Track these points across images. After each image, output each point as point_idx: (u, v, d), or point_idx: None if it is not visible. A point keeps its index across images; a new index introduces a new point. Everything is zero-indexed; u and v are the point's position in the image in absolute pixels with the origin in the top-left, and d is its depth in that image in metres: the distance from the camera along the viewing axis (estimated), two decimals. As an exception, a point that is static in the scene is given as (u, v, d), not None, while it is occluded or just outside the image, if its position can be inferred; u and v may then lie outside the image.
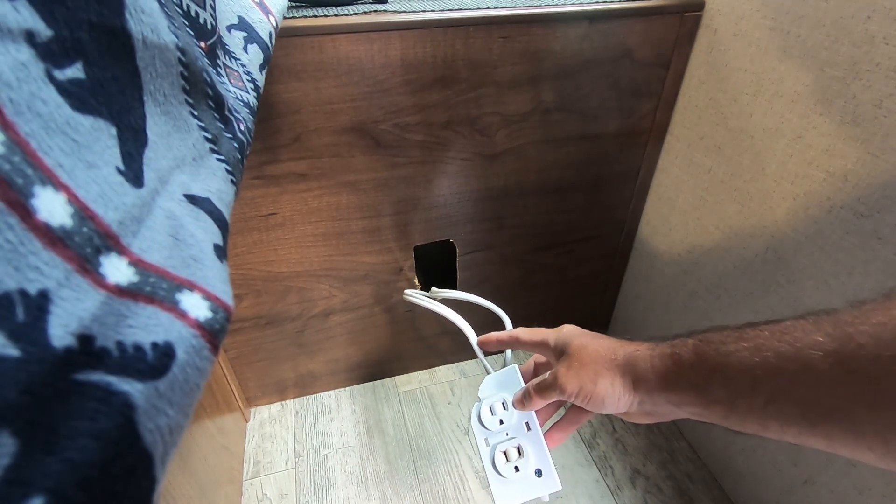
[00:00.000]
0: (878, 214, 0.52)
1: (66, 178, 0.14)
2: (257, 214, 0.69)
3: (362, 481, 0.84)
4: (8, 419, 0.12)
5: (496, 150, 0.74)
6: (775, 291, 0.66)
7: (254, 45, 0.38)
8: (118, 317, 0.15)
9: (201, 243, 0.19)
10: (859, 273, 0.55)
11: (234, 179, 0.24)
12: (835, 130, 0.54)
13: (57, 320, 0.13)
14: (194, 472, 0.62)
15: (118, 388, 0.14)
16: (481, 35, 0.63)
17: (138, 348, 0.15)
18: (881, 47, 0.49)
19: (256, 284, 0.77)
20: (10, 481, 0.12)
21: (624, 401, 0.33)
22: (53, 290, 0.13)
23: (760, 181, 0.65)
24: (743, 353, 0.27)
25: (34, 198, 0.13)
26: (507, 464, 0.39)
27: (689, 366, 0.30)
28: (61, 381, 0.13)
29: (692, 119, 0.75)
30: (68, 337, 0.13)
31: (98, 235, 0.15)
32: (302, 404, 0.96)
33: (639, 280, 0.96)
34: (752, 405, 0.26)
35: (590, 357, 0.35)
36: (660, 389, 0.31)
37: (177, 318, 0.17)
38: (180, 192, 0.19)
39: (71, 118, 0.14)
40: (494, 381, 0.44)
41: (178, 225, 0.18)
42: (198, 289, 0.18)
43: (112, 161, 0.16)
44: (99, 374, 0.14)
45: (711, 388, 0.28)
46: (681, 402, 0.30)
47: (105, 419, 0.14)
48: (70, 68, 0.14)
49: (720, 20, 0.67)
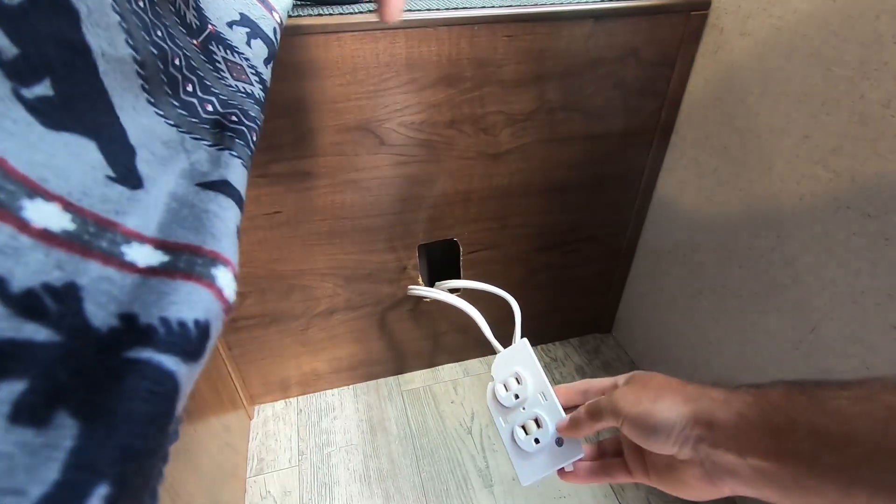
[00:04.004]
0: (885, 215, 0.51)
1: (54, 189, 0.14)
2: (262, 213, 0.70)
3: (365, 479, 0.84)
4: (64, 400, 0.12)
5: (500, 150, 0.74)
6: (781, 292, 0.66)
7: (257, 40, 0.38)
8: (158, 294, 0.16)
9: (226, 221, 0.20)
10: (866, 274, 0.54)
11: (244, 163, 0.24)
12: (842, 130, 0.54)
13: (93, 306, 0.14)
14: (198, 469, 0.62)
15: (167, 368, 0.15)
16: (486, 34, 0.62)
17: (182, 324, 0.16)
18: (890, 46, 0.48)
19: (261, 282, 0.77)
20: (76, 466, 0.12)
21: (678, 434, 0.28)
22: (80, 281, 0.14)
23: (766, 181, 0.65)
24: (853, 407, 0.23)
25: (24, 210, 0.13)
26: (528, 437, 0.38)
27: (775, 408, 0.25)
28: (112, 359, 0.14)
29: (698, 119, 0.75)
30: (110, 318, 0.14)
31: (109, 232, 0.15)
32: (305, 402, 0.97)
33: (643, 280, 0.96)
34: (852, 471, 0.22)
35: (655, 381, 0.31)
36: (728, 428, 0.26)
37: (214, 296, 0.17)
38: (191, 183, 0.20)
39: (45, 135, 0.14)
40: (505, 358, 0.44)
41: (200, 210, 0.19)
42: (230, 265, 0.19)
43: (101, 170, 0.16)
44: (149, 352, 0.14)
45: (800, 436, 0.23)
46: (748, 450, 0.25)
47: (159, 403, 0.14)
48: (38, 86, 0.14)
49: (726, 19, 0.66)
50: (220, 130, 0.24)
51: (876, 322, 0.54)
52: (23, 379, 0.12)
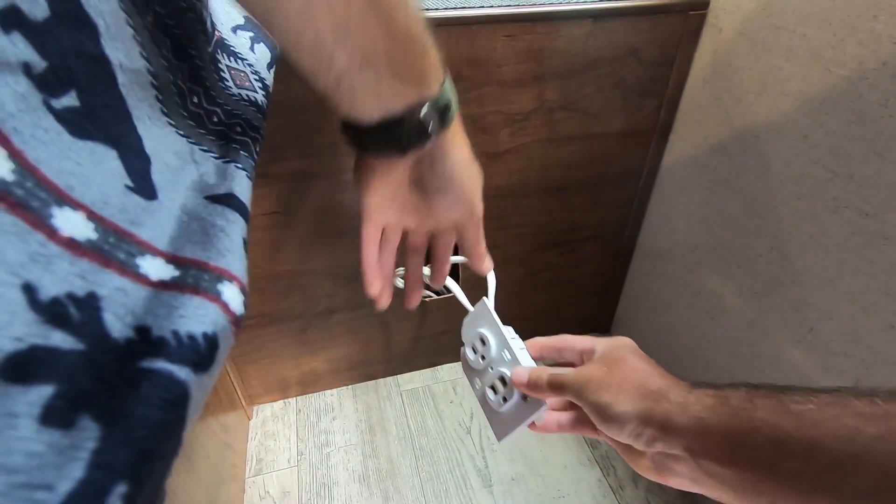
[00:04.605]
0: (883, 214, 0.52)
1: (80, 198, 0.15)
2: (260, 213, 0.70)
3: (364, 479, 0.84)
4: (86, 404, 0.13)
5: (499, 149, 0.74)
6: (780, 292, 0.66)
7: (261, 45, 0.38)
8: (169, 307, 0.16)
9: (231, 236, 0.20)
10: (864, 274, 0.55)
11: (248, 175, 0.25)
12: (840, 129, 0.54)
13: (111, 316, 0.15)
14: (197, 470, 0.62)
15: (179, 377, 0.16)
16: (485, 33, 0.62)
17: (192, 338, 0.17)
18: (888, 46, 0.48)
19: (259, 283, 0.77)
20: (98, 465, 0.13)
21: (631, 430, 0.28)
22: (99, 291, 0.15)
23: (765, 181, 0.65)
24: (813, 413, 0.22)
25: (53, 218, 0.14)
26: (497, 396, 0.39)
27: (736, 411, 0.25)
28: (129, 368, 0.15)
29: (696, 118, 0.75)
30: (127, 329, 0.15)
31: (125, 243, 0.16)
32: (304, 402, 0.97)
33: (642, 280, 0.96)
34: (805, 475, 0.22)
35: (623, 369, 0.31)
36: (684, 432, 0.26)
37: (221, 310, 0.18)
38: (200, 196, 0.20)
39: (72, 144, 0.15)
40: (470, 321, 0.44)
41: (208, 223, 0.20)
42: (236, 280, 0.19)
43: (120, 179, 0.16)
44: (161, 362, 0.15)
45: (756, 440, 0.23)
46: (703, 454, 0.25)
47: (171, 410, 0.15)
48: (65, 97, 0.15)
49: (725, 19, 0.66)
50: (225, 142, 0.24)
51: (874, 321, 0.55)
52: (50, 384, 0.13)
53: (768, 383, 0.26)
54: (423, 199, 0.33)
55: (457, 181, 0.33)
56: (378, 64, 0.25)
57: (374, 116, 0.27)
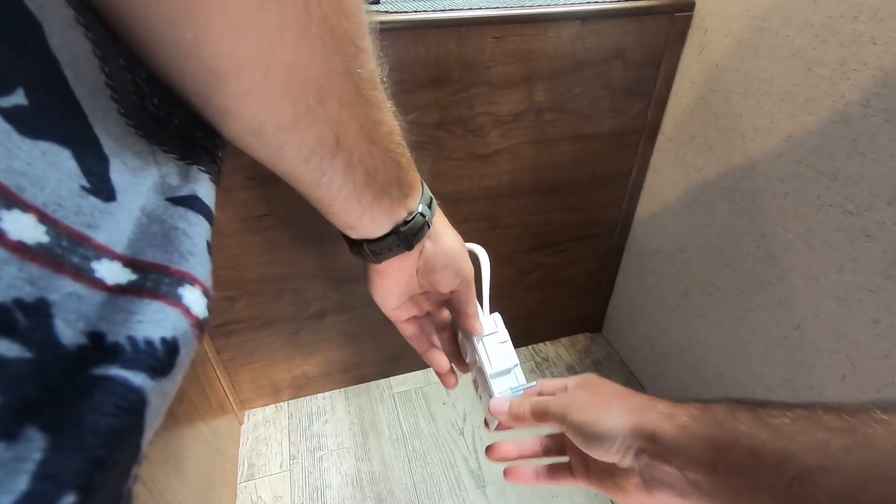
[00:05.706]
0: (866, 212, 0.52)
1: (31, 200, 0.14)
2: (251, 215, 0.69)
3: (357, 482, 0.84)
4: (33, 415, 0.13)
5: (489, 150, 0.74)
6: (766, 289, 0.67)
7: None
8: (126, 313, 0.16)
9: (194, 239, 0.20)
10: (849, 270, 0.55)
11: (212, 178, 0.24)
12: (824, 129, 0.55)
13: (62, 323, 0.14)
14: (188, 476, 0.61)
15: (134, 384, 0.15)
16: (473, 35, 0.63)
17: (149, 343, 0.16)
18: (868, 47, 0.49)
19: (251, 286, 0.76)
20: (42, 476, 0.13)
21: (620, 444, 0.29)
22: (50, 297, 0.14)
23: (751, 180, 0.66)
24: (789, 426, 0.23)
25: (1, 221, 0.13)
26: (476, 394, 0.42)
27: (718, 422, 0.26)
28: (80, 376, 0.14)
29: (683, 119, 0.75)
30: (79, 336, 0.14)
31: (80, 246, 0.15)
32: (296, 406, 0.96)
33: (632, 279, 0.97)
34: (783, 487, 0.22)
35: (604, 389, 0.32)
36: (670, 441, 0.27)
37: (182, 314, 0.18)
38: (161, 197, 0.20)
39: (22, 143, 0.14)
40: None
41: (170, 226, 0.19)
42: (198, 283, 0.19)
43: (76, 180, 0.16)
44: (115, 369, 0.15)
45: (737, 450, 0.24)
46: (687, 464, 0.26)
47: (126, 417, 0.15)
48: (13, 95, 0.14)
49: (710, 20, 0.67)
50: (188, 146, 0.24)
51: (858, 317, 0.56)
52: None
53: (750, 398, 0.27)
54: (428, 279, 0.37)
55: (456, 252, 0.36)
56: (391, 189, 0.28)
57: (387, 230, 0.30)
